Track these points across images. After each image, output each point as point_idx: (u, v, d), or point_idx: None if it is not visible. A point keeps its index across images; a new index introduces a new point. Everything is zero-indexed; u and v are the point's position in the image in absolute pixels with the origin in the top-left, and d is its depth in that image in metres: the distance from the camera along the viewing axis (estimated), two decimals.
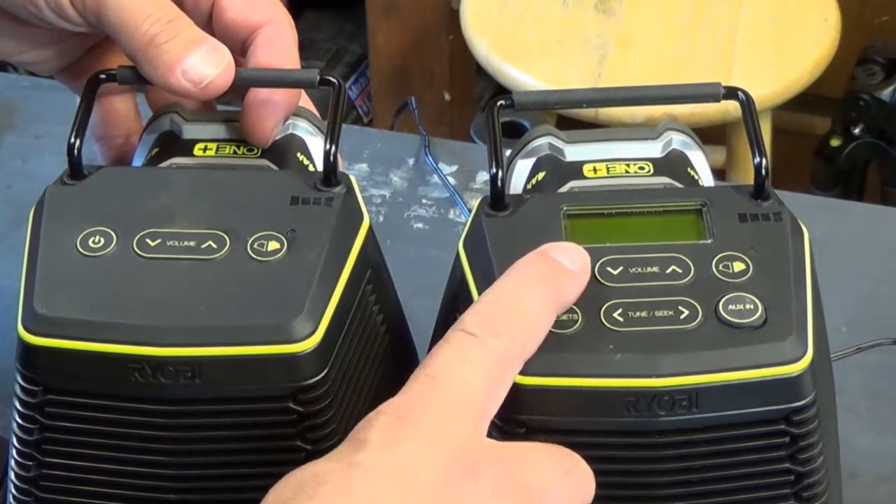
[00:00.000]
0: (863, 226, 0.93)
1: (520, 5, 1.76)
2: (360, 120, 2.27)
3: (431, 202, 0.95)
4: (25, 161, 0.98)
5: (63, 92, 0.75)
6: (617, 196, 0.63)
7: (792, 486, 0.58)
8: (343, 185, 0.62)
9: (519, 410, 0.56)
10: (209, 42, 0.64)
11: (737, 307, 0.57)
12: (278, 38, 0.67)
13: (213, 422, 0.58)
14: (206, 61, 0.63)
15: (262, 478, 0.52)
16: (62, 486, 0.61)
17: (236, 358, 0.57)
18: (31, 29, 0.68)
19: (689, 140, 0.67)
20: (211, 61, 0.63)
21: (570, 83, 1.62)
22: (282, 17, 0.67)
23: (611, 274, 0.59)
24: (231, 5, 0.67)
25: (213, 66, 0.63)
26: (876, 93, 1.84)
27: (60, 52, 0.71)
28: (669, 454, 0.57)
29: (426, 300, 0.69)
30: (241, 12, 0.67)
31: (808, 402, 0.57)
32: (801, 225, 0.61)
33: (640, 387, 0.55)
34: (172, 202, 0.61)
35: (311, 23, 2.32)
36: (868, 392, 0.81)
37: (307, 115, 0.69)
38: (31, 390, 0.59)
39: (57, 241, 0.60)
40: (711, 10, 1.73)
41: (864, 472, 0.77)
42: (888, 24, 2.09)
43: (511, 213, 0.61)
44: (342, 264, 0.60)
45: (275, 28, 0.67)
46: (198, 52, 0.63)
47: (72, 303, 0.58)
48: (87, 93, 0.65)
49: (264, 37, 0.67)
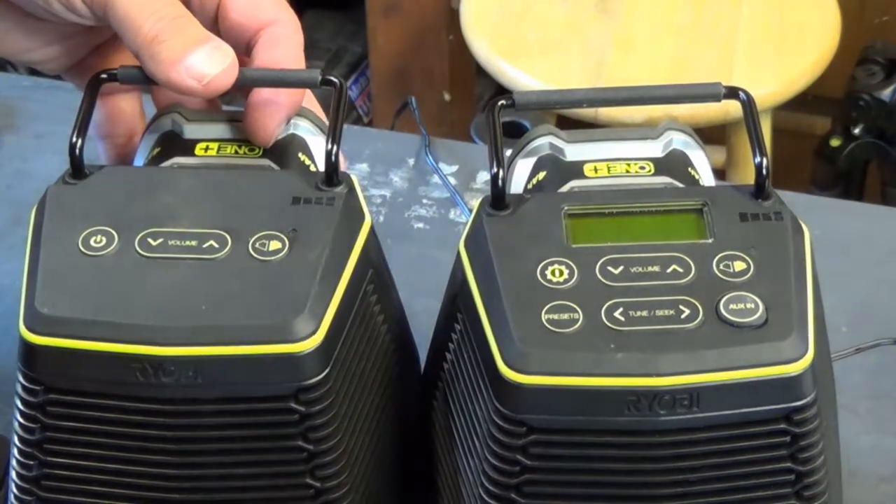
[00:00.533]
0: (863, 226, 0.93)
1: (520, 5, 1.76)
2: (360, 120, 2.27)
3: (432, 202, 0.95)
4: (26, 161, 0.98)
5: (63, 91, 0.75)
6: (618, 196, 0.63)
7: (792, 486, 0.58)
8: (345, 185, 0.62)
9: (520, 410, 0.56)
10: (213, 40, 0.64)
11: (737, 307, 0.57)
12: (283, 38, 0.67)
13: (215, 421, 0.58)
14: (209, 58, 0.63)
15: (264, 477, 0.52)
16: (64, 486, 0.61)
17: (238, 357, 0.57)
18: (39, 25, 0.69)
19: (689, 140, 0.67)
20: (214, 59, 0.63)
21: (570, 83, 1.62)
22: (288, 17, 0.68)
23: (612, 273, 0.59)
24: (236, 6, 0.67)
25: (217, 63, 0.63)
26: (876, 93, 1.84)
27: (67, 50, 0.71)
28: (670, 453, 0.57)
29: (427, 300, 0.69)
30: (246, 13, 0.67)
31: (809, 401, 0.57)
32: (801, 224, 0.61)
33: (640, 386, 0.56)
34: (174, 202, 0.61)
35: (311, 23, 2.32)
36: (868, 392, 0.81)
37: (309, 114, 0.69)
38: (33, 390, 0.59)
39: (58, 240, 0.60)
40: (711, 10, 1.73)
41: (864, 472, 0.77)
42: (888, 24, 2.09)
43: (512, 213, 0.61)
44: (344, 264, 0.60)
45: (280, 28, 0.67)
46: (201, 49, 0.63)
47: (73, 302, 0.58)
48: (88, 92, 0.65)
49: (268, 37, 0.67)
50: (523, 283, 0.58)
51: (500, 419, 0.57)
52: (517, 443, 0.57)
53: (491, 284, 0.59)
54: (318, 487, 0.60)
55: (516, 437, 0.57)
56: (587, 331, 0.57)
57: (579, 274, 0.59)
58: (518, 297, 0.58)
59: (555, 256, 0.59)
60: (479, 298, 0.59)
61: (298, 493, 0.60)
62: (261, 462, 0.59)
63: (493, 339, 0.58)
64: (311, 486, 0.60)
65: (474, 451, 0.60)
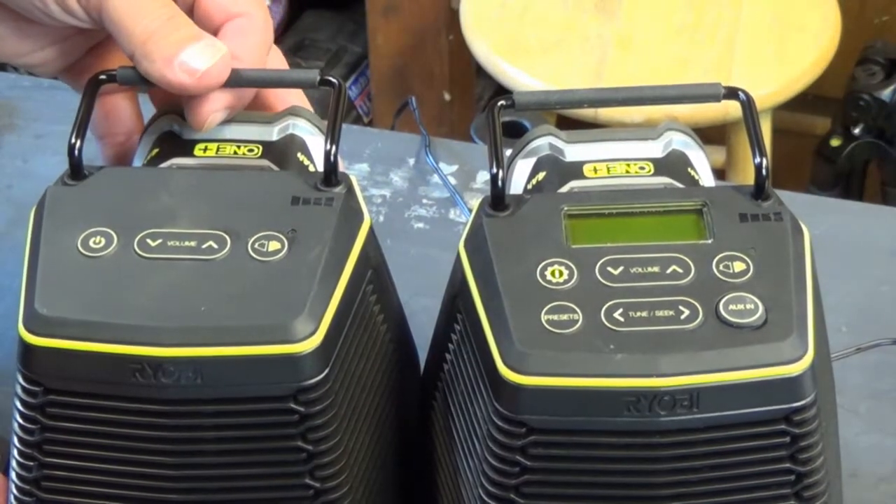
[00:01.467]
0: (863, 226, 0.93)
1: (520, 5, 1.76)
2: (359, 120, 2.27)
3: (432, 202, 0.95)
4: (26, 161, 0.98)
5: (63, 92, 0.75)
6: (617, 196, 0.63)
7: (792, 486, 0.58)
8: (344, 185, 0.62)
9: (519, 410, 0.56)
10: (206, 38, 0.65)
11: (737, 307, 0.57)
12: (248, 30, 0.67)
13: (214, 422, 0.58)
14: (202, 54, 0.64)
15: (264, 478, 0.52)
16: (63, 487, 0.61)
17: (237, 358, 0.57)
18: (34, 28, 0.69)
19: (689, 140, 0.67)
20: (206, 54, 0.64)
21: (570, 83, 1.62)
22: (257, 12, 0.68)
23: (611, 274, 0.59)
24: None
25: (209, 58, 0.64)
26: (876, 93, 1.84)
27: (63, 52, 0.71)
28: (670, 454, 0.57)
29: (426, 300, 0.69)
30: (218, 3, 0.68)
31: (809, 402, 0.57)
32: (801, 225, 0.61)
33: (640, 387, 0.56)
34: (173, 202, 0.61)
35: (311, 23, 2.32)
36: (868, 392, 0.81)
37: (307, 115, 0.69)
38: (32, 391, 0.59)
39: (58, 241, 0.60)
40: (711, 10, 1.73)
41: (864, 472, 0.77)
42: (888, 24, 2.09)
43: (512, 214, 0.61)
44: (343, 264, 0.60)
45: (247, 21, 0.68)
46: (194, 46, 0.64)
47: (73, 303, 0.58)
48: (87, 93, 0.65)
49: (235, 27, 0.67)
50: (523, 284, 0.58)
51: (499, 420, 0.57)
52: (517, 443, 0.57)
53: (491, 285, 0.59)
54: (318, 488, 0.60)
55: (516, 438, 0.57)
56: (587, 331, 0.57)
57: (579, 274, 0.59)
58: (518, 298, 0.58)
59: (554, 257, 0.59)
60: (478, 299, 0.59)
61: (298, 494, 0.60)
62: (260, 463, 0.59)
63: (492, 339, 0.58)
64: (310, 487, 0.60)
65: (474, 452, 0.60)
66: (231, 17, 0.67)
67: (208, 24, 0.67)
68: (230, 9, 0.68)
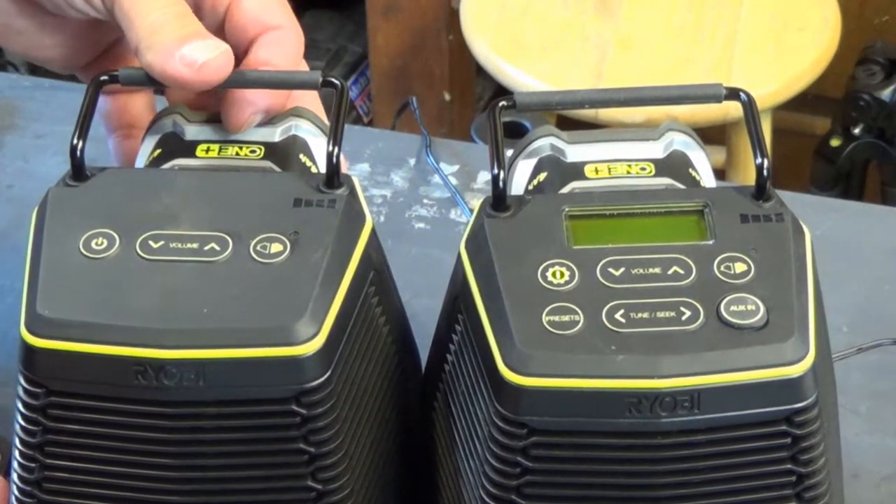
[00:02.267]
0: (863, 226, 0.93)
1: (520, 5, 1.76)
2: (360, 120, 2.27)
3: (433, 202, 0.95)
4: (27, 161, 0.98)
5: (64, 92, 0.75)
6: (618, 197, 0.63)
7: (794, 487, 0.58)
8: (346, 187, 0.62)
9: (520, 412, 0.56)
10: (211, 38, 0.65)
11: (738, 308, 0.57)
12: (283, 41, 0.68)
13: (216, 424, 0.58)
14: (204, 48, 0.64)
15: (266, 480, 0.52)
16: (65, 489, 0.61)
17: (239, 360, 0.57)
18: (55, 21, 0.70)
19: (690, 140, 0.67)
20: (209, 48, 0.64)
21: (570, 83, 1.62)
22: (292, 26, 0.69)
23: (612, 275, 0.59)
24: (246, 8, 0.69)
25: (210, 50, 0.64)
26: (876, 93, 1.84)
27: (80, 49, 0.72)
28: (671, 455, 0.57)
29: (427, 300, 0.69)
30: (253, 16, 0.68)
31: (810, 402, 0.57)
32: (802, 226, 0.61)
33: (641, 388, 0.56)
34: (175, 204, 0.61)
35: (311, 23, 2.32)
36: (869, 392, 0.81)
37: (309, 116, 0.69)
38: (34, 392, 0.59)
39: (60, 242, 0.60)
40: (711, 10, 1.73)
41: (865, 473, 0.77)
42: (888, 24, 2.09)
43: (513, 214, 0.61)
44: (345, 266, 0.60)
45: (283, 33, 0.68)
46: (198, 42, 0.64)
47: (74, 305, 0.58)
48: (89, 94, 0.65)
49: (269, 38, 0.68)
50: (524, 285, 0.58)
51: (500, 421, 0.57)
52: (518, 444, 0.57)
53: (492, 286, 0.59)
54: (320, 490, 0.60)
55: (517, 439, 0.57)
56: (588, 332, 0.57)
57: (580, 275, 0.59)
58: (519, 299, 0.58)
59: (556, 258, 0.59)
60: (479, 300, 0.59)
61: (300, 496, 0.60)
62: (262, 465, 0.59)
63: (493, 340, 0.58)
64: (312, 489, 0.60)
65: (475, 453, 0.60)
66: (267, 30, 0.68)
67: (242, 36, 0.68)
68: (266, 21, 0.68)
